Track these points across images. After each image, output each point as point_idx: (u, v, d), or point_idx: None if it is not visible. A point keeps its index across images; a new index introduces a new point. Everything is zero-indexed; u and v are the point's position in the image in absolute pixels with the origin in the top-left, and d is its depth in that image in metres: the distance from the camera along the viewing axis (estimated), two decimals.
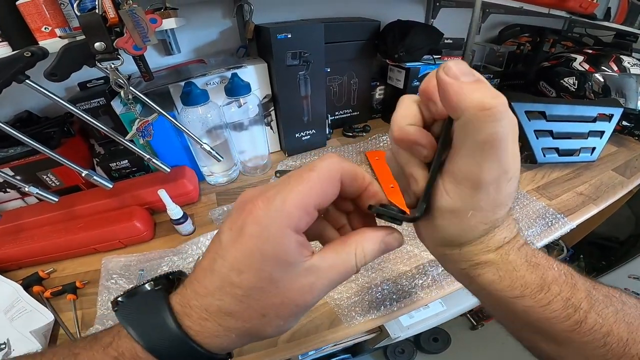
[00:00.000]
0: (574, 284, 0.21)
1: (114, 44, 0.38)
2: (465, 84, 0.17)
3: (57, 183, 0.66)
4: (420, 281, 0.52)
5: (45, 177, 0.64)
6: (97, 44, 0.37)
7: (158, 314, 0.20)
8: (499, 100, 0.17)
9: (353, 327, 0.46)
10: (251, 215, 0.19)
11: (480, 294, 0.24)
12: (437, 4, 1.00)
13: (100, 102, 0.63)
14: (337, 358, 1.19)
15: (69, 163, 0.48)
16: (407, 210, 0.23)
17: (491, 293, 0.22)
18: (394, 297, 0.50)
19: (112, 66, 0.41)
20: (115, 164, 0.69)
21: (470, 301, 1.11)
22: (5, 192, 0.64)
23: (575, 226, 0.63)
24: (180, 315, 0.20)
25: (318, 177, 0.20)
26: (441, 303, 1.04)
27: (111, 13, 0.35)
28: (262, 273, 0.19)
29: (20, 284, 0.51)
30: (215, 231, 0.60)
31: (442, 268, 0.53)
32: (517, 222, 0.23)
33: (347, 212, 0.26)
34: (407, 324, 0.98)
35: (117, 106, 0.63)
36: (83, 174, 0.49)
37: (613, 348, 0.19)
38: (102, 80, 0.68)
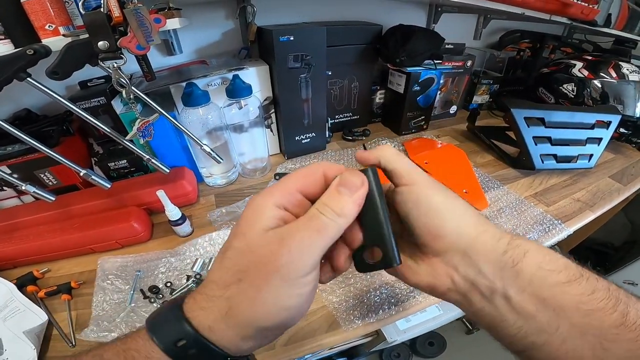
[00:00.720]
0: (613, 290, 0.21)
1: (118, 43, 0.38)
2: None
3: (55, 182, 0.65)
4: None
5: (42, 175, 0.63)
6: (100, 43, 0.37)
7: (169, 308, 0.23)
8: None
9: (351, 331, 0.46)
10: (249, 202, 0.23)
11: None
12: (439, 9, 1.01)
13: (101, 102, 0.62)
14: None
15: (68, 162, 0.47)
16: None
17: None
18: (392, 301, 0.50)
19: (115, 65, 0.41)
20: (113, 163, 0.68)
21: None
22: (2, 190, 0.63)
23: (572, 232, 0.63)
24: (186, 305, 0.22)
25: (300, 170, 0.24)
26: (438, 307, 1.04)
27: (116, 12, 0.35)
28: (237, 231, 0.22)
29: (14, 284, 0.50)
30: (214, 233, 0.60)
31: None
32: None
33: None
34: (403, 327, 0.98)
35: (117, 106, 0.63)
36: (81, 173, 0.49)
37: None
38: (103, 80, 0.67)
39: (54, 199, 0.51)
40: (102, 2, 0.36)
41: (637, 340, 0.19)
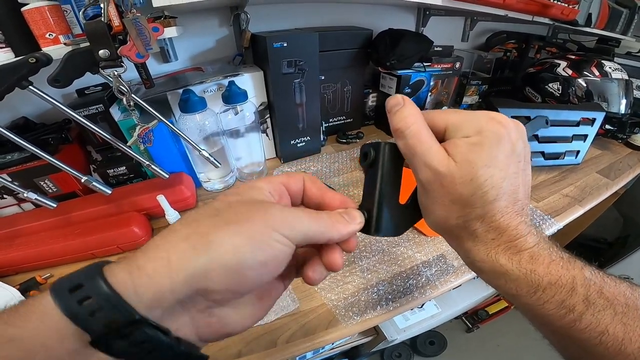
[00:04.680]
0: (572, 289, 0.23)
1: (118, 51, 0.39)
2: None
3: (55, 189, 0.66)
4: (415, 281, 0.53)
5: (42, 183, 0.64)
6: (101, 51, 0.38)
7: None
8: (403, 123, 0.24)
9: (350, 327, 0.47)
10: (243, 184, 0.25)
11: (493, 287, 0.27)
12: (427, 12, 1.03)
13: (99, 109, 0.63)
14: None
15: (69, 169, 0.48)
16: None
17: (495, 288, 0.26)
18: (390, 297, 0.51)
19: (116, 73, 0.42)
20: (112, 170, 0.69)
21: (463, 304, 1.12)
22: (2, 198, 0.64)
23: (562, 227, 0.65)
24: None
25: (285, 174, 0.26)
26: (436, 305, 1.05)
27: (116, 21, 0.37)
28: (231, 192, 0.23)
29: (18, 289, 0.51)
30: None
31: (435, 269, 0.55)
32: (526, 226, 0.25)
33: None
34: (402, 326, 0.99)
35: (115, 113, 0.64)
36: (82, 180, 0.50)
37: (609, 346, 0.21)
38: (100, 87, 0.68)
39: (55, 205, 0.52)
40: (102, 11, 0.37)
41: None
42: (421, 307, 1.06)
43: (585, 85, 0.88)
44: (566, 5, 0.83)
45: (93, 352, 0.16)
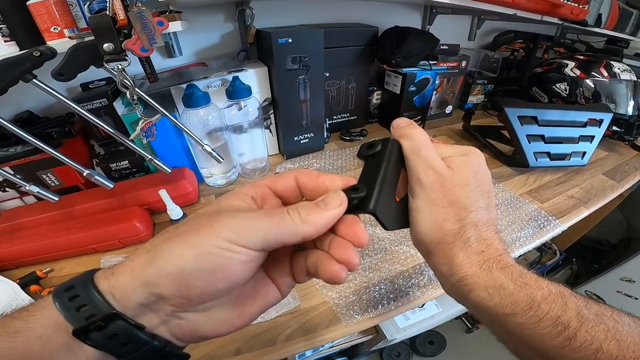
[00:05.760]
0: (564, 303, 0.22)
1: (122, 45, 0.39)
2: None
3: (57, 183, 0.66)
4: (417, 281, 0.53)
5: (45, 176, 0.64)
6: (105, 45, 0.38)
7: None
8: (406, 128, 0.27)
9: (351, 326, 0.47)
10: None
11: (476, 312, 0.26)
12: (434, 10, 1.02)
13: (102, 103, 0.63)
14: None
15: (72, 162, 0.48)
16: None
17: (485, 311, 0.24)
18: (391, 296, 0.51)
19: (120, 67, 0.42)
20: (115, 164, 0.69)
21: None
22: (5, 191, 0.64)
23: (566, 228, 0.65)
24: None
25: (273, 176, 0.26)
26: (437, 305, 1.05)
27: (121, 15, 0.36)
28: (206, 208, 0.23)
29: (18, 283, 0.51)
30: None
31: None
32: (503, 244, 0.27)
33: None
34: (403, 325, 0.99)
35: (119, 107, 0.64)
36: (84, 174, 0.49)
37: None
38: (104, 82, 0.68)
39: (57, 199, 0.51)
40: (107, 5, 0.37)
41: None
42: (422, 306, 1.05)
43: (593, 86, 0.87)
44: (576, 5, 0.82)
45: (81, 345, 0.18)
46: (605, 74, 0.87)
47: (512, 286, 0.23)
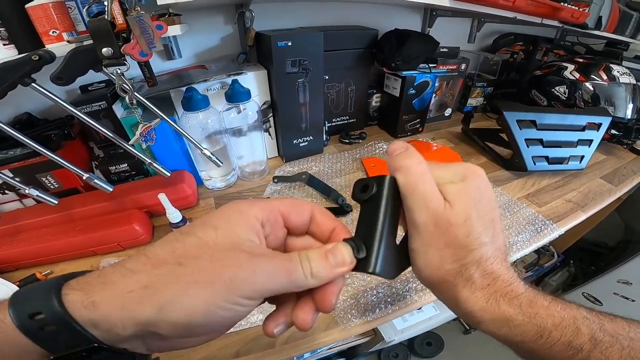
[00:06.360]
0: (576, 328, 0.22)
1: (121, 49, 0.39)
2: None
3: (56, 185, 0.66)
4: (414, 285, 0.53)
5: (44, 179, 0.64)
6: (104, 49, 0.38)
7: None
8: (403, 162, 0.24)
9: (349, 329, 0.47)
10: (231, 203, 0.23)
11: (490, 335, 0.26)
12: (434, 13, 1.02)
13: (102, 106, 0.63)
14: None
15: (70, 166, 0.48)
16: None
17: (496, 337, 0.25)
18: (389, 300, 0.51)
19: (119, 71, 0.42)
20: (114, 167, 0.69)
21: None
22: (4, 193, 0.64)
23: (563, 232, 0.65)
24: (77, 280, 0.19)
25: (291, 199, 0.25)
26: (434, 307, 1.05)
27: (119, 19, 0.36)
28: (208, 222, 0.21)
29: (17, 285, 0.51)
30: None
31: None
32: (512, 272, 0.25)
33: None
34: (401, 327, 0.99)
35: (118, 110, 0.64)
36: (84, 177, 0.50)
37: None
38: (104, 84, 0.68)
39: (56, 202, 0.52)
40: (105, 9, 0.37)
41: None
42: (420, 309, 1.06)
43: (592, 89, 0.87)
44: (577, 8, 0.82)
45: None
46: (605, 77, 0.87)
47: (521, 318, 0.23)
